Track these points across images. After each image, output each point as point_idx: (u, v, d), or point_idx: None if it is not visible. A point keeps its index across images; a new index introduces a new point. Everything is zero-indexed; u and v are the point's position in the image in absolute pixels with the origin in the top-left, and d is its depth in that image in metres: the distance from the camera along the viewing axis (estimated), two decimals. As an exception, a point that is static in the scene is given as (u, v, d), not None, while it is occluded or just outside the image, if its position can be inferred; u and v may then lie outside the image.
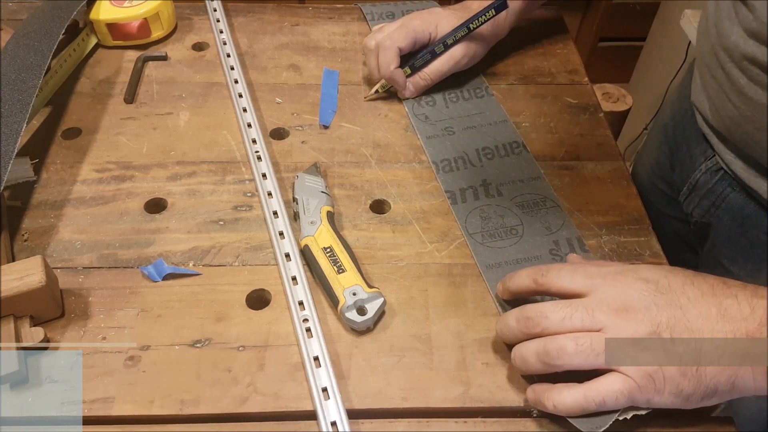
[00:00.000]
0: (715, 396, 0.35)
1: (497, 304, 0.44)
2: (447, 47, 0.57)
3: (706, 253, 0.58)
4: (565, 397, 0.36)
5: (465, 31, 0.57)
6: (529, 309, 0.38)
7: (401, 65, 0.58)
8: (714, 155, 0.55)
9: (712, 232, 0.57)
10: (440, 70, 0.58)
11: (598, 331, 0.36)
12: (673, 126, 0.63)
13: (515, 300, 0.42)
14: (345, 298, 0.42)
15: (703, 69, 0.54)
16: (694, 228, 0.60)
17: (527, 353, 0.37)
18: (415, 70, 0.58)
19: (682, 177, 0.59)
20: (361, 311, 0.41)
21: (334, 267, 0.44)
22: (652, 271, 0.38)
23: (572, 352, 0.35)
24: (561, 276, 0.39)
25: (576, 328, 0.36)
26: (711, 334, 0.35)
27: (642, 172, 0.70)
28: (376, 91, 0.60)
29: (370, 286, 0.43)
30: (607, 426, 0.36)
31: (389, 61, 0.57)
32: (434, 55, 0.58)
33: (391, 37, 0.57)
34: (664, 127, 0.64)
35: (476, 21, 0.56)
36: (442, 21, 0.58)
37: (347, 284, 0.42)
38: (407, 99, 0.60)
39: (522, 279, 0.41)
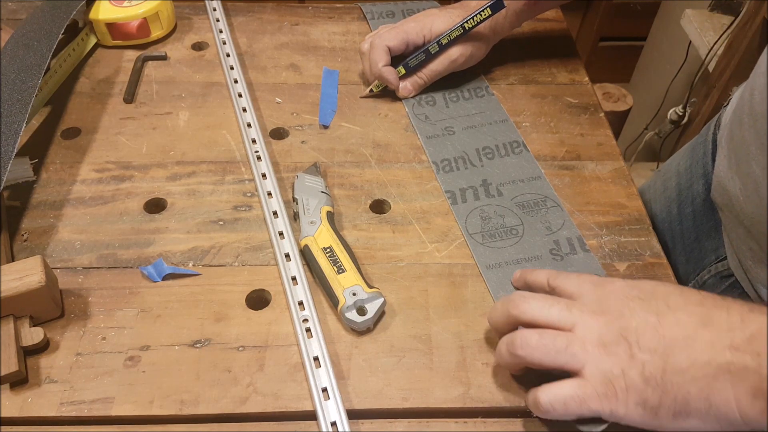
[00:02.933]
0: (691, 415, 0.32)
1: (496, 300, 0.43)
2: (442, 47, 0.57)
3: None
4: (527, 397, 0.36)
5: (460, 31, 0.56)
6: (516, 293, 0.39)
7: (396, 65, 0.58)
8: (725, 257, 0.49)
9: None
10: (436, 70, 0.58)
11: (569, 330, 0.35)
12: (679, 201, 0.56)
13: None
14: (345, 299, 0.42)
15: (741, 150, 0.45)
16: None
17: (500, 344, 0.37)
18: (409, 69, 0.58)
19: (688, 269, 0.54)
20: (361, 311, 0.41)
21: (334, 267, 0.43)
22: (647, 281, 0.37)
23: (534, 345, 0.35)
24: (569, 279, 0.39)
25: (552, 320, 0.36)
26: (685, 342, 0.32)
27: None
28: (371, 90, 0.60)
29: (370, 286, 0.43)
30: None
31: (378, 59, 0.57)
32: (429, 55, 0.58)
33: (380, 36, 0.57)
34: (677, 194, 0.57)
35: (471, 20, 0.56)
36: (437, 22, 0.58)
37: (347, 284, 0.42)
38: (407, 98, 0.60)
39: (540, 276, 0.41)
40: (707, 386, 0.31)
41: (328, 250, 0.45)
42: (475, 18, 0.56)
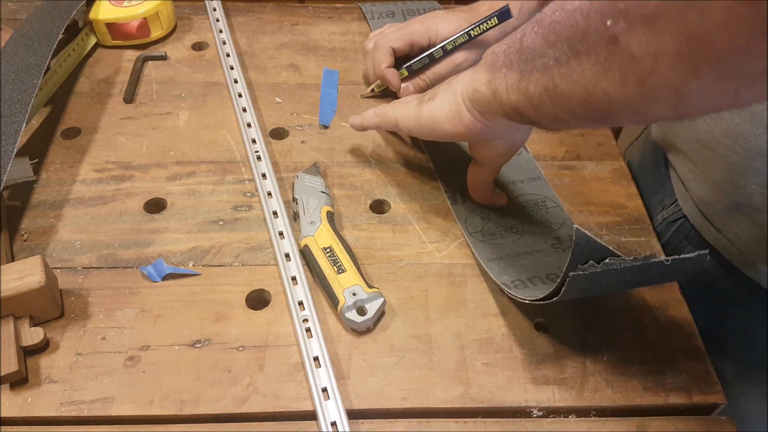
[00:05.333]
0: (487, 109, 0.39)
1: (501, 285, 0.43)
2: (446, 53, 0.57)
3: None
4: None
5: (466, 38, 0.56)
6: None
7: (399, 66, 0.57)
8: (672, 202, 0.53)
9: None
10: (439, 73, 0.58)
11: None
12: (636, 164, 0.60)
13: (516, 294, 0.42)
14: (345, 298, 0.42)
15: None
16: None
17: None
18: (412, 72, 0.58)
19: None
20: (361, 311, 0.41)
21: (334, 267, 0.43)
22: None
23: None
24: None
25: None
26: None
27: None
28: (372, 90, 0.60)
29: (370, 286, 0.43)
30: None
31: (381, 60, 0.56)
32: (432, 59, 0.57)
33: (385, 36, 0.57)
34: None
35: (478, 28, 0.55)
36: (443, 25, 0.57)
37: (347, 284, 0.42)
38: None
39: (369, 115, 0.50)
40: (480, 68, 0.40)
41: (328, 250, 0.45)
42: (481, 26, 0.55)
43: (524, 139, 0.45)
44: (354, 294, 0.42)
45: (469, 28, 0.55)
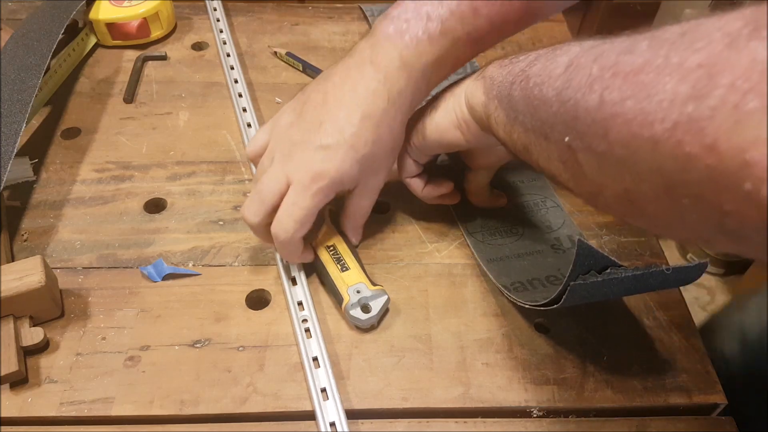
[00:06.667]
0: (483, 127, 0.38)
1: (500, 287, 0.43)
2: None
3: None
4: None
5: None
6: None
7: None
8: None
9: None
10: None
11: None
12: None
13: (516, 297, 0.42)
14: (349, 296, 0.42)
15: None
16: None
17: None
18: None
19: None
20: (365, 309, 0.41)
21: (338, 265, 0.44)
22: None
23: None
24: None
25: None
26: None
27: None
28: None
29: (373, 284, 0.43)
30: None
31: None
32: None
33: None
34: None
35: None
36: None
37: (351, 282, 0.42)
38: None
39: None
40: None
41: (332, 248, 0.45)
42: None
43: None
44: (358, 292, 0.42)
45: None
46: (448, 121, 0.41)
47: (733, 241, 0.22)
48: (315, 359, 0.39)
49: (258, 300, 0.44)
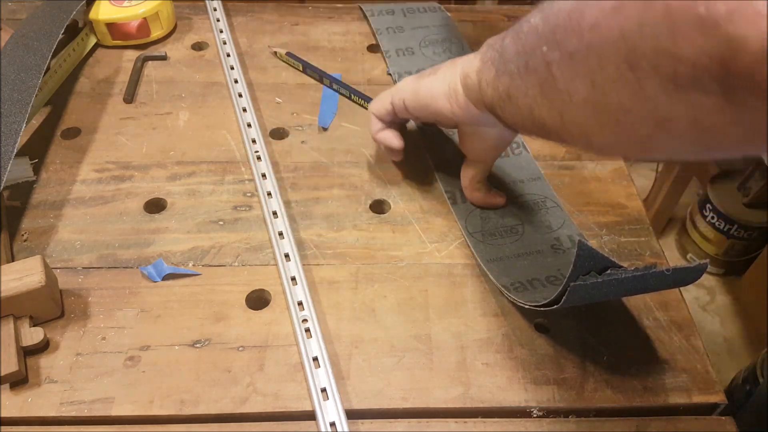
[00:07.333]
0: (474, 97, 0.40)
1: (501, 287, 0.43)
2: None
3: None
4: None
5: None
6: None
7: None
8: None
9: None
10: None
11: None
12: None
13: (516, 297, 0.42)
14: None
15: None
16: None
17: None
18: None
19: None
20: None
21: None
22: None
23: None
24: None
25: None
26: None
27: None
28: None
29: None
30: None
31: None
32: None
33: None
34: None
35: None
36: None
37: None
38: None
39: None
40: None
41: None
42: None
43: (513, 133, 0.45)
44: None
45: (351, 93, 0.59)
46: (440, 89, 0.43)
47: (689, 106, 0.23)
48: (315, 359, 0.40)
49: (258, 300, 0.44)
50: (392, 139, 0.49)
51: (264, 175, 0.51)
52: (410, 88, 0.46)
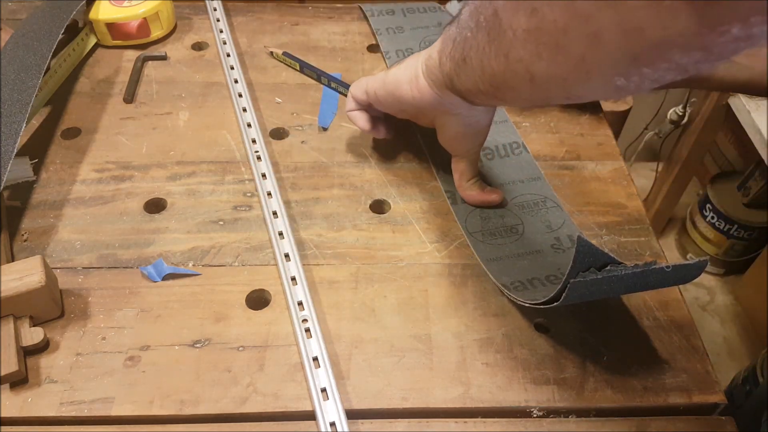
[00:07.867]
0: (435, 77, 0.41)
1: (500, 287, 0.43)
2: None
3: None
4: None
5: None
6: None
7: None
8: None
9: None
10: None
11: None
12: None
13: (516, 296, 0.42)
14: None
15: None
16: None
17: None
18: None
19: None
20: None
21: None
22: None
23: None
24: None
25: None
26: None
27: None
28: None
29: None
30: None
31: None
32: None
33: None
34: None
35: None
36: None
37: None
38: None
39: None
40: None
41: None
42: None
43: (484, 119, 0.46)
44: None
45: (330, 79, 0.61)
46: (404, 76, 0.45)
47: (615, 12, 0.24)
48: (315, 359, 0.40)
49: (258, 300, 0.44)
50: (360, 120, 0.52)
51: (264, 175, 0.51)
52: (381, 77, 0.47)
